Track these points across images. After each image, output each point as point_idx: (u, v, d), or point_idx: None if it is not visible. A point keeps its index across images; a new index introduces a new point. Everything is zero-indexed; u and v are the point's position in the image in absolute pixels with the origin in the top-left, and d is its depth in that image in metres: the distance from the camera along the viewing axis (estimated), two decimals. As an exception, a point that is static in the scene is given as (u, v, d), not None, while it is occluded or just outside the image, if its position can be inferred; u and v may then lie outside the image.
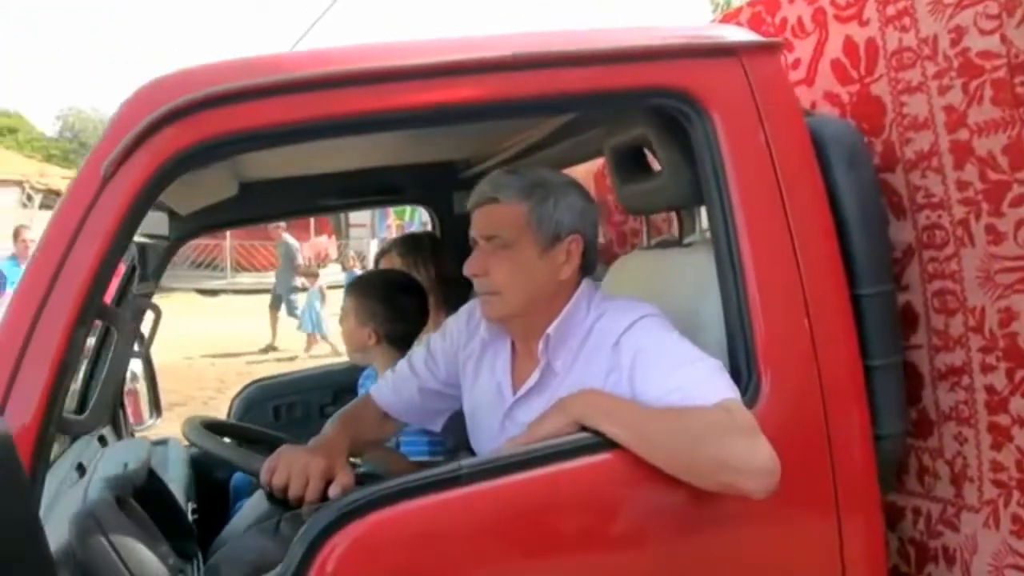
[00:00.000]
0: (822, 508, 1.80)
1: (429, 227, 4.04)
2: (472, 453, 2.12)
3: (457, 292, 2.94)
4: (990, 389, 1.87)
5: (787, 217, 1.82)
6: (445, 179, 3.67)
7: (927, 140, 1.91)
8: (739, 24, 2.44)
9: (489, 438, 1.98)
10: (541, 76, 1.74)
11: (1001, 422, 1.87)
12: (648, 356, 1.73)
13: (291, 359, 12.51)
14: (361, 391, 2.90)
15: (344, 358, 3.49)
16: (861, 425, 1.84)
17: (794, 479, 1.69)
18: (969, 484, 1.96)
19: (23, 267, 1.93)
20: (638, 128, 2.10)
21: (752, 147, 1.83)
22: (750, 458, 1.59)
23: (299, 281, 13.54)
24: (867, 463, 1.84)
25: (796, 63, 2.24)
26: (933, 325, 1.98)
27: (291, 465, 1.79)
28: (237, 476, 3.07)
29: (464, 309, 2.18)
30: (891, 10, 1.96)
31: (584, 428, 1.66)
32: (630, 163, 2.23)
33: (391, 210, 17.11)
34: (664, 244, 2.34)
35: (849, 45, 2.08)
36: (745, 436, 1.60)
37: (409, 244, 3.38)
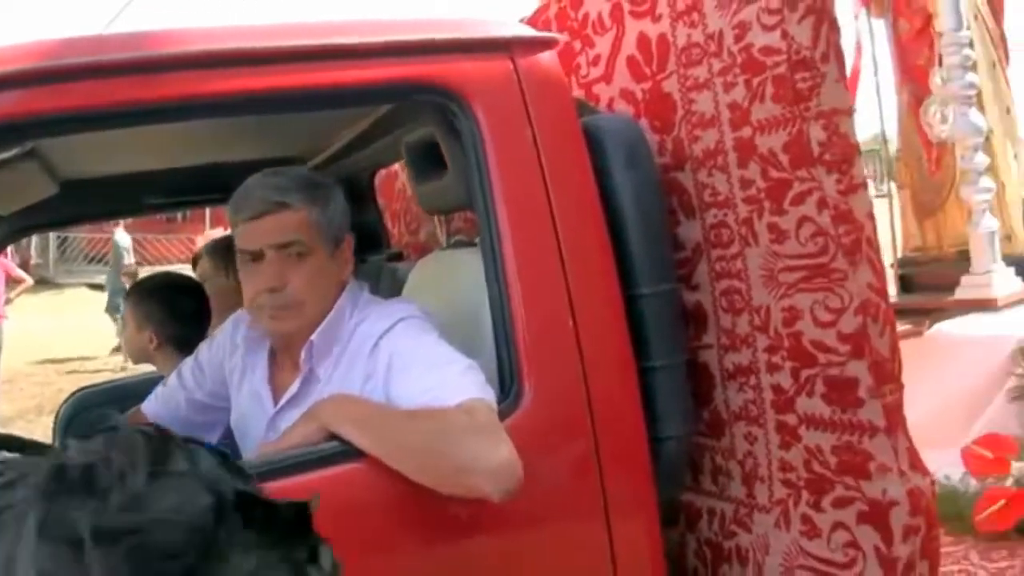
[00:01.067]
0: (590, 512, 1.73)
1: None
2: None
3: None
4: (776, 388, 1.85)
5: (553, 217, 1.74)
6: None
7: (713, 137, 1.87)
8: (547, 19, 2.37)
9: (255, 450, 1.85)
10: (302, 70, 1.63)
11: (788, 421, 1.84)
12: (403, 359, 1.65)
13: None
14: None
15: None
16: (633, 427, 1.77)
17: (560, 482, 1.63)
18: (760, 484, 1.93)
19: None
20: (429, 125, 2.00)
21: (518, 145, 1.75)
22: (487, 459, 1.50)
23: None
24: (640, 466, 1.79)
25: (596, 59, 2.19)
26: (722, 324, 1.94)
27: None
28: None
29: (232, 318, 2.05)
30: (681, 6, 1.91)
31: (333, 435, 1.56)
32: (424, 161, 2.13)
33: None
34: (459, 245, 2.25)
35: (643, 41, 2.03)
36: (483, 436, 1.51)
37: (220, 248, 3.21)
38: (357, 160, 2.68)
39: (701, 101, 1.89)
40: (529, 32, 1.87)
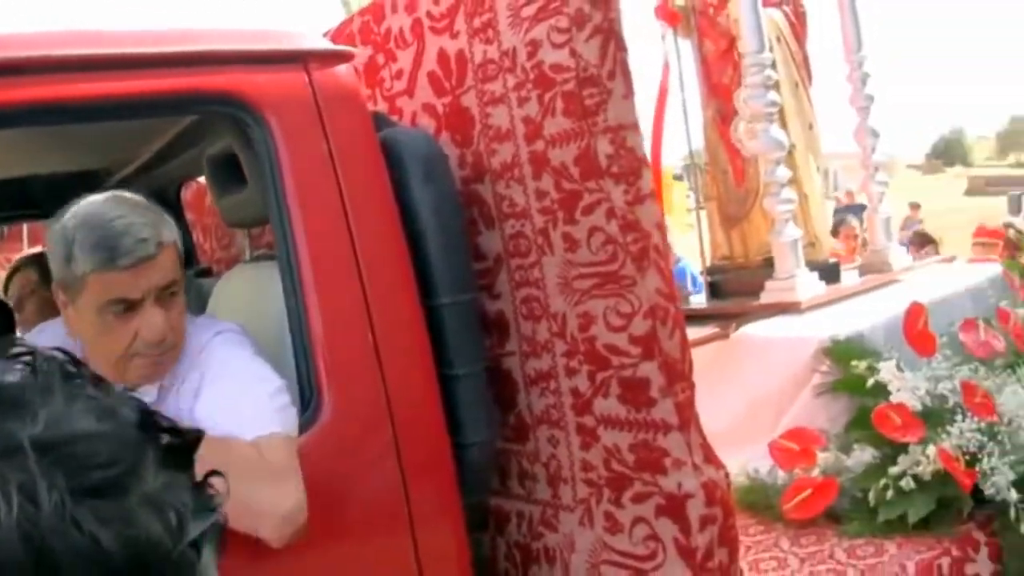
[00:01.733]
0: (394, 521, 1.75)
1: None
2: None
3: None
4: (575, 392, 1.90)
5: (351, 231, 1.76)
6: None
7: (510, 151, 1.91)
8: (351, 33, 2.38)
9: None
10: (96, 79, 1.60)
11: (587, 423, 1.90)
12: (214, 373, 1.62)
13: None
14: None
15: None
16: (436, 435, 1.80)
17: (363, 493, 1.63)
18: (564, 485, 1.98)
19: None
20: (229, 138, 1.98)
21: (314, 159, 1.75)
22: (271, 506, 1.48)
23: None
24: (444, 473, 1.82)
25: (399, 74, 2.21)
26: (523, 332, 1.99)
27: None
28: None
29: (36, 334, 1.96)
30: (477, 23, 1.95)
31: None
32: (225, 174, 2.10)
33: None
34: (261, 258, 2.23)
35: (443, 57, 2.06)
36: (271, 481, 1.49)
37: (45, 260, 3.07)
38: (164, 173, 2.62)
39: (497, 115, 1.93)
40: (325, 45, 1.88)
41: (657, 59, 3.91)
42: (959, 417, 2.63)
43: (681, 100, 3.89)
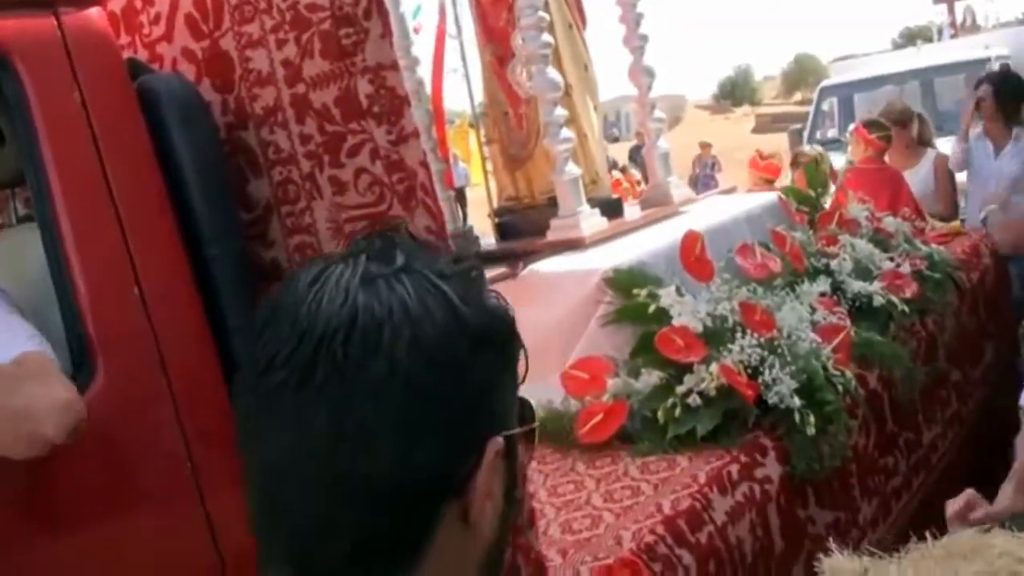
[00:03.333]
0: (181, 486, 1.69)
1: None
2: None
3: None
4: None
5: (108, 183, 1.69)
6: None
7: (272, 95, 1.87)
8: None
9: None
10: None
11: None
12: None
13: None
14: None
15: None
16: (214, 392, 1.75)
17: (144, 459, 1.59)
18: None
19: None
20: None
21: (66, 108, 1.67)
22: (42, 400, 1.45)
23: None
24: (226, 430, 1.78)
25: (157, 18, 2.11)
26: (299, 279, 1.96)
27: None
28: None
29: None
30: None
31: None
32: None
33: None
34: (25, 220, 2.12)
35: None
36: (37, 382, 1.47)
37: None
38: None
39: (257, 59, 1.88)
40: None
41: (434, 4, 3.90)
42: (740, 335, 2.78)
43: (459, 44, 3.90)
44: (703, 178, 16.17)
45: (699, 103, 47.16)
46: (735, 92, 48.81)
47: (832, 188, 4.49)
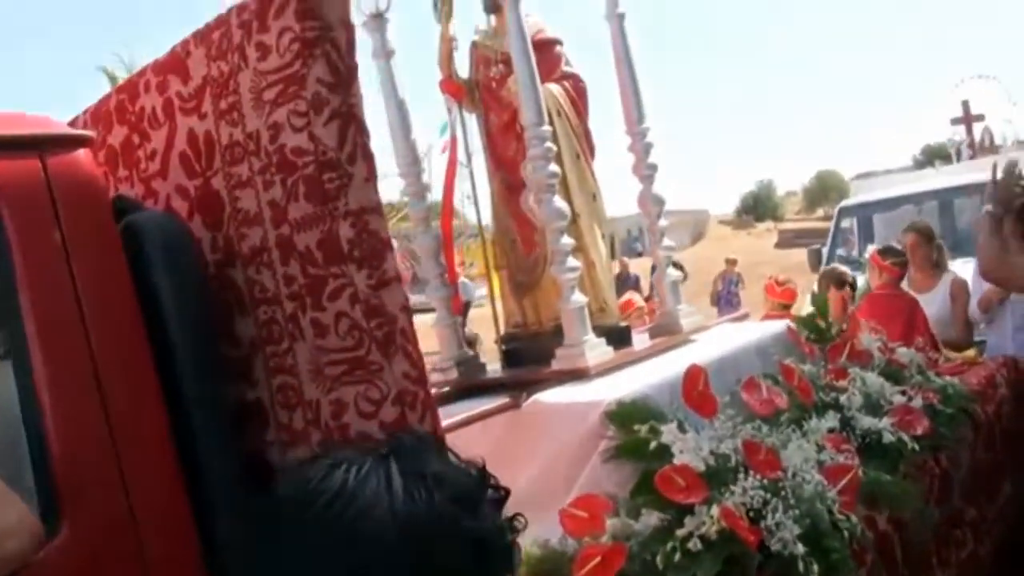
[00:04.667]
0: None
1: None
2: None
3: None
4: (334, 481, 1.83)
5: (86, 326, 1.66)
6: None
7: (259, 235, 1.86)
8: (108, 111, 2.28)
9: None
10: None
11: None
12: None
13: None
14: None
15: None
16: (186, 540, 1.69)
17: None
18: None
19: None
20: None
21: (45, 250, 1.65)
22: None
23: None
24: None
25: (153, 154, 2.12)
26: (280, 420, 1.91)
27: None
28: None
29: None
30: (223, 104, 1.90)
31: None
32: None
33: None
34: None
35: (192, 138, 2.00)
36: None
37: None
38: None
39: (245, 199, 1.88)
40: (60, 130, 1.79)
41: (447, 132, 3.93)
42: (743, 475, 2.68)
43: (470, 172, 3.92)
44: (726, 295, 16.14)
45: (722, 218, 47.46)
46: (758, 207, 49.08)
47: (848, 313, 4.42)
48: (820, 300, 4.16)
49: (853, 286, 5.77)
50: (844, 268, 5.90)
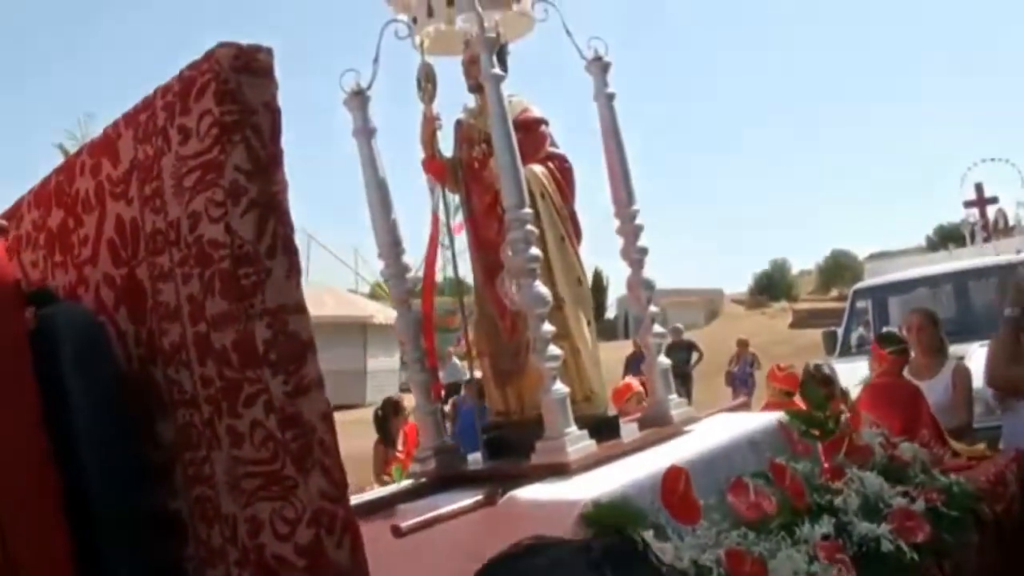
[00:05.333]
0: None
1: None
2: None
3: None
4: (254, 608, 1.65)
5: None
6: None
7: (178, 332, 1.71)
8: (48, 193, 2.15)
9: None
10: None
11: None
12: None
13: None
14: None
15: None
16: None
17: None
18: None
19: None
20: None
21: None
22: None
23: None
24: None
25: (86, 240, 1.99)
26: (199, 535, 1.74)
27: None
28: None
29: None
30: (148, 190, 1.77)
31: None
32: None
33: None
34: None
35: (120, 224, 1.86)
36: None
37: None
38: None
39: (166, 292, 1.73)
40: None
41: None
42: (726, 589, 2.49)
43: (452, 255, 3.79)
44: (741, 375, 15.88)
45: (736, 297, 47.20)
46: (772, 286, 48.83)
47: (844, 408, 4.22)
48: (813, 392, 3.96)
49: (835, 385, 5.59)
50: (826, 368, 5.72)
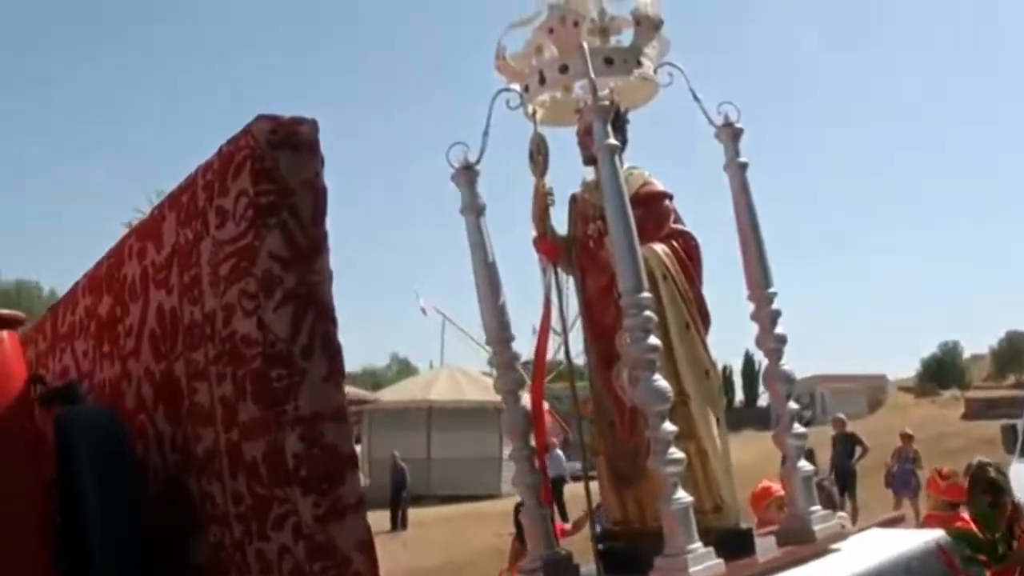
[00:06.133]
0: None
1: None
2: None
3: None
4: None
5: None
6: None
7: (211, 437, 1.58)
8: (99, 277, 2.09)
9: None
10: None
11: None
12: None
13: None
14: None
15: None
16: None
17: None
18: None
19: None
20: None
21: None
22: None
23: None
24: None
25: (131, 330, 1.90)
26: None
27: None
28: None
29: None
30: (187, 277, 1.66)
31: None
32: None
33: None
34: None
35: (160, 314, 1.77)
36: None
37: None
38: None
39: (201, 392, 1.61)
40: None
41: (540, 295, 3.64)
42: None
43: (564, 342, 3.61)
44: (901, 474, 14.93)
45: (902, 383, 45.26)
46: (942, 373, 46.65)
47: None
48: (980, 509, 3.57)
49: (1005, 493, 4.88)
50: (992, 471, 4.93)
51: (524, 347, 3.73)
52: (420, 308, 28.61)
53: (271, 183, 1.44)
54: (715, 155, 3.66)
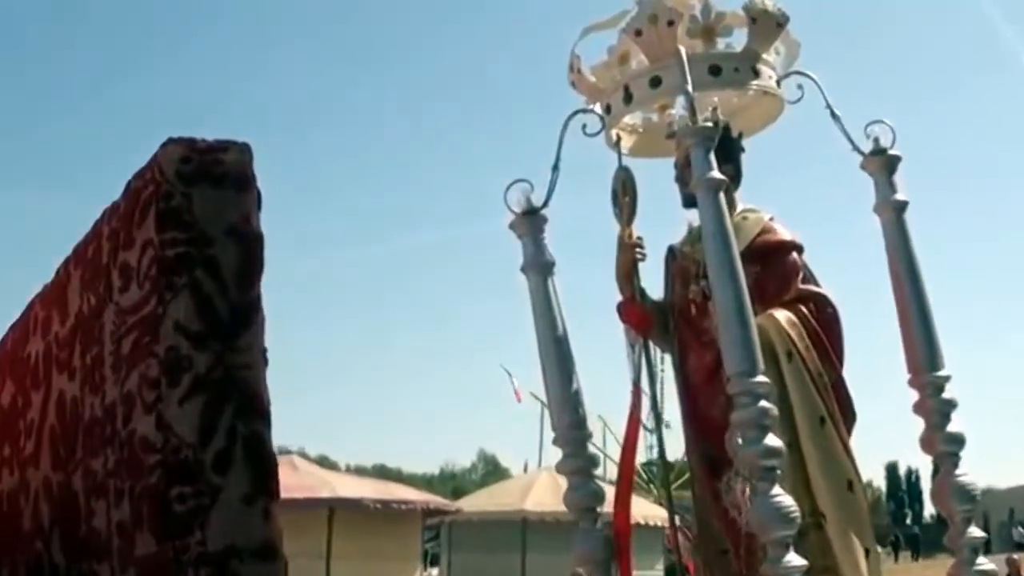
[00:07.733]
0: None
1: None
2: None
3: None
4: None
5: None
6: None
7: (106, 579, 1.46)
8: (4, 356, 2.04)
9: None
10: None
11: None
12: None
13: None
14: None
15: None
16: None
17: None
18: None
19: None
20: None
21: None
22: None
23: None
24: None
25: (31, 428, 1.82)
26: None
27: None
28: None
29: None
30: (88, 357, 1.56)
31: None
32: None
33: None
34: None
35: (61, 407, 1.67)
36: None
37: None
38: None
39: (99, 514, 1.49)
40: None
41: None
42: None
43: (658, 442, 3.46)
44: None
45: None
46: None
47: None
48: None
49: None
50: None
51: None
52: (513, 392, 28.59)
53: (180, 230, 1.32)
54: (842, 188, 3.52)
